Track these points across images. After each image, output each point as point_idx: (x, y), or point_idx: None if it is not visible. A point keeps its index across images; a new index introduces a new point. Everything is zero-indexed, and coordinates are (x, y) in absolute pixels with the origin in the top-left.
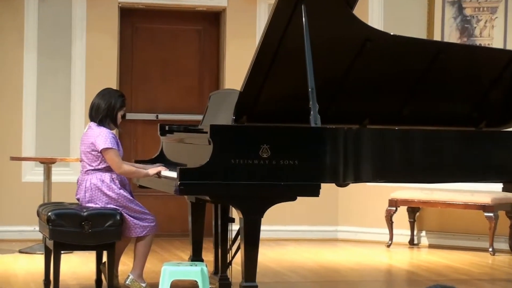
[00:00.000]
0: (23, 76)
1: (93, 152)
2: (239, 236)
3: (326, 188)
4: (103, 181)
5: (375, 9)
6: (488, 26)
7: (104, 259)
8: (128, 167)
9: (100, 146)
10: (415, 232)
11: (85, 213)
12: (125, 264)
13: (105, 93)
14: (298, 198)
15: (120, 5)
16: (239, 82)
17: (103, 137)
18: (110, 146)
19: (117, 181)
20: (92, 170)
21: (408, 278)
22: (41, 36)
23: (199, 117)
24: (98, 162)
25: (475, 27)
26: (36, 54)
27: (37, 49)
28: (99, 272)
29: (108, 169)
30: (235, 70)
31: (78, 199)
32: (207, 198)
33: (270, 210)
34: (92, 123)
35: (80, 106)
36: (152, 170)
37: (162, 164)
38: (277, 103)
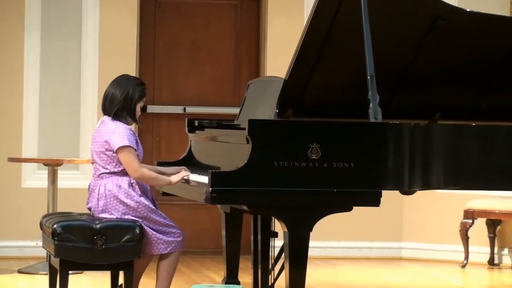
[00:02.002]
0: (24, 61)
1: (107, 152)
2: (283, 254)
3: (388, 196)
4: (120, 186)
5: None
6: None
7: (121, 281)
8: (147, 171)
9: (116, 145)
10: (495, 250)
11: (98, 226)
12: (146, 287)
13: (121, 81)
14: (355, 208)
15: None
16: (283, 69)
17: (119, 133)
18: (128, 144)
19: (136, 187)
20: (107, 173)
21: None
22: (45, 13)
23: (235, 111)
24: (114, 164)
25: None
26: (39, 34)
27: (40, 29)
28: None
29: (126, 173)
30: (279, 54)
31: (89, 209)
32: (245, 207)
33: (320, 222)
34: (105, 117)
35: (91, 97)
36: (176, 177)
37: (185, 167)
38: (329, 94)
